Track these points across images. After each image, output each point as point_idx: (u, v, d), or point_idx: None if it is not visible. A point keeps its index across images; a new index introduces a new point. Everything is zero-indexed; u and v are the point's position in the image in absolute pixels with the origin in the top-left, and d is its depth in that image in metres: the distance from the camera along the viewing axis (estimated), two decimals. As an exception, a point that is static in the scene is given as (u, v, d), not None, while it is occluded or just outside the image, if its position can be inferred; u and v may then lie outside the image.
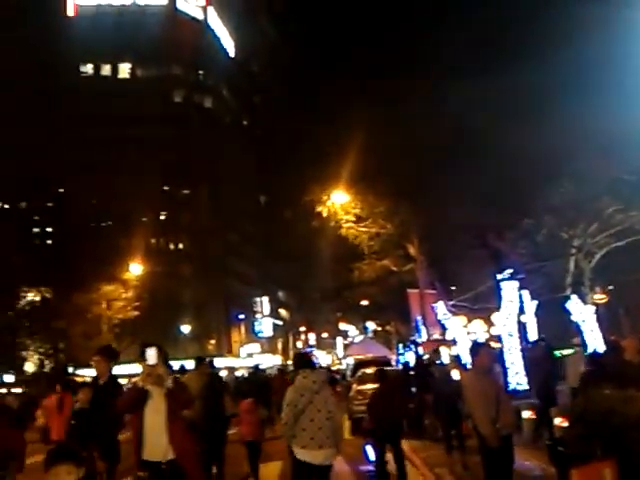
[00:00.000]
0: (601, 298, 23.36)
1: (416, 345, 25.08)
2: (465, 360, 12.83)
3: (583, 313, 17.34)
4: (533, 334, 20.13)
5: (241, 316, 69.06)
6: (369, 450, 9.29)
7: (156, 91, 63.98)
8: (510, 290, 15.03)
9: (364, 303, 40.59)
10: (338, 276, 36.69)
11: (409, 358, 24.30)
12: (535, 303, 20.76)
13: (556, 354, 13.68)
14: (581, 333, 17.00)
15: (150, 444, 4.96)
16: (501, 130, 18.76)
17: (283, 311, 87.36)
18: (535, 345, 14.51)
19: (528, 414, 11.73)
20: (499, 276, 15.26)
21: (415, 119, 20.27)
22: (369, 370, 16.87)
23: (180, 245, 67.11)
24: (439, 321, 23.83)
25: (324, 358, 77.93)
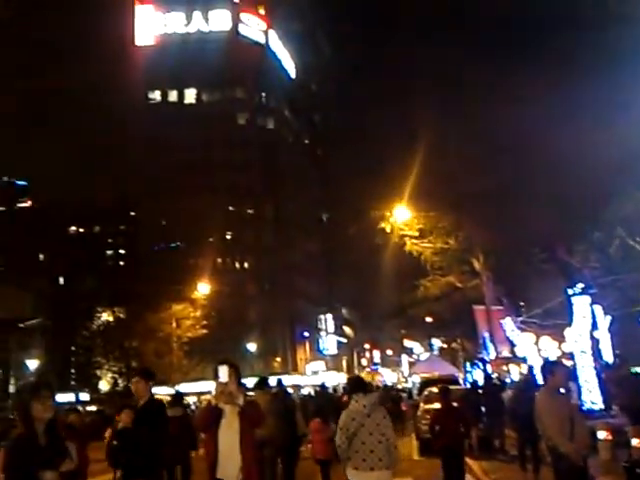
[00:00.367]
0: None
1: (484, 363, 24.58)
2: (537, 378, 12.52)
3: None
4: (607, 351, 19.40)
5: (306, 334, 69.38)
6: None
7: (221, 114, 65.92)
8: (582, 305, 14.58)
9: (429, 320, 40.07)
10: (402, 293, 36.41)
11: (477, 376, 23.81)
12: (609, 319, 20.01)
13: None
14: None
15: (224, 462, 4.99)
16: (570, 140, 18.32)
17: (347, 328, 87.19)
18: (616, 363, 14.02)
19: (604, 435, 11.31)
20: (570, 291, 14.85)
21: (478, 135, 20.08)
22: (435, 389, 16.65)
23: (245, 264, 68.28)
24: (507, 338, 23.29)
25: (389, 376, 77.15)
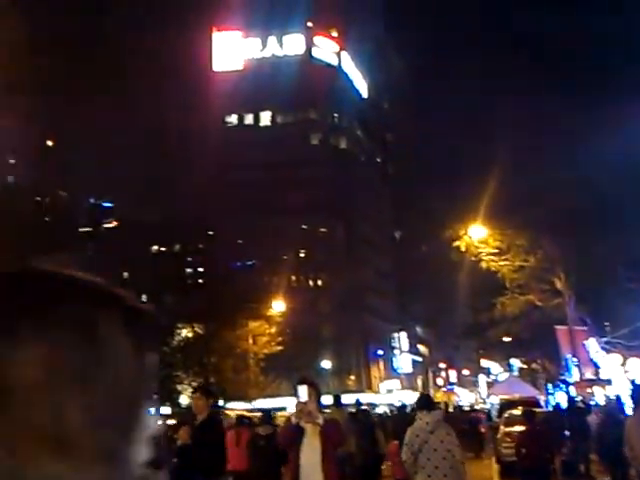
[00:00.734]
0: None
1: (567, 385, 23.73)
2: (625, 402, 12.05)
3: None
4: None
5: (380, 352, 68.94)
6: None
7: (295, 135, 67.36)
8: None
9: (507, 339, 39.00)
10: (479, 311, 35.67)
11: (560, 399, 23.01)
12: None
13: None
14: None
15: None
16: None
17: (422, 347, 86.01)
18: None
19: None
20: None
21: (557, 154, 19.71)
22: (516, 411, 16.26)
23: (319, 282, 68.84)
24: (591, 359, 22.43)
25: (466, 396, 75.39)
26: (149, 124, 61.51)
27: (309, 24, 74.50)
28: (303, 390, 5.10)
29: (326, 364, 58.41)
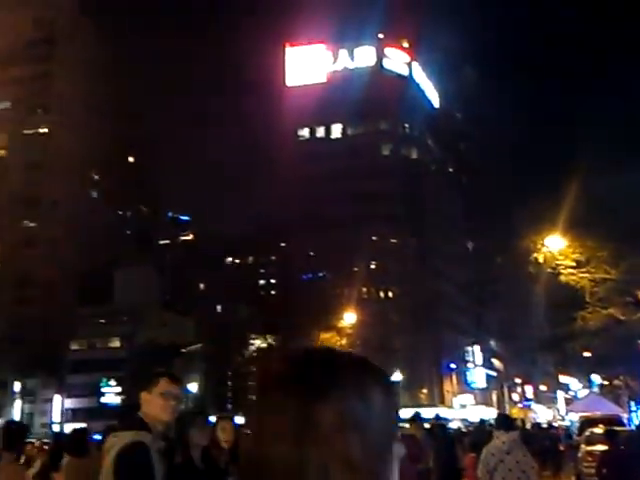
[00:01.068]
0: None
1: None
2: None
3: None
4: None
5: (452, 365, 67.63)
6: None
7: (365, 147, 67.63)
8: None
9: (587, 354, 37.44)
10: (556, 325, 34.50)
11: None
12: None
13: None
14: None
15: None
16: None
17: (496, 361, 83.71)
18: None
19: None
20: None
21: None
22: (598, 429, 15.64)
23: (390, 293, 68.38)
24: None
25: (543, 413, 72.78)
26: (227, 139, 63.35)
27: (380, 36, 74.77)
28: None
29: (397, 377, 57.82)
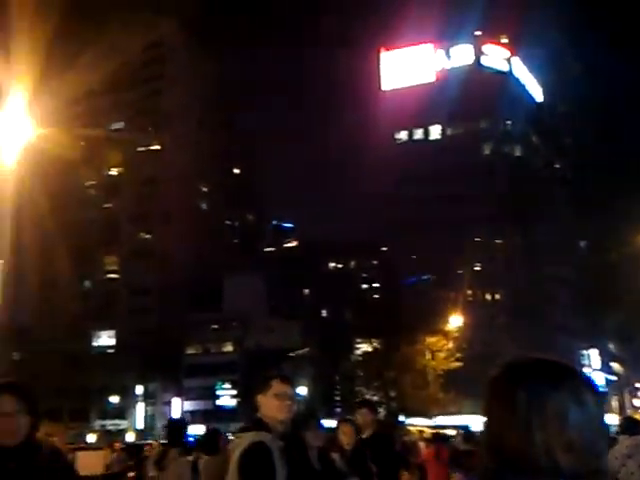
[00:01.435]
0: None
1: None
2: None
3: None
4: None
5: (567, 369, 64.64)
6: None
7: (466, 146, 66.34)
8: None
9: None
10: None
11: None
12: None
13: None
14: None
15: None
16: None
17: (616, 365, 78.97)
18: None
19: None
20: None
21: None
22: None
23: (496, 296, 66.55)
24: None
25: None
26: (325, 146, 64.53)
27: (477, 33, 73.19)
28: None
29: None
